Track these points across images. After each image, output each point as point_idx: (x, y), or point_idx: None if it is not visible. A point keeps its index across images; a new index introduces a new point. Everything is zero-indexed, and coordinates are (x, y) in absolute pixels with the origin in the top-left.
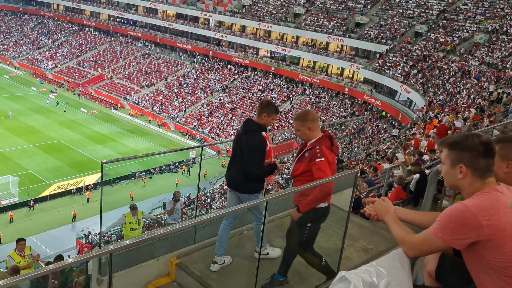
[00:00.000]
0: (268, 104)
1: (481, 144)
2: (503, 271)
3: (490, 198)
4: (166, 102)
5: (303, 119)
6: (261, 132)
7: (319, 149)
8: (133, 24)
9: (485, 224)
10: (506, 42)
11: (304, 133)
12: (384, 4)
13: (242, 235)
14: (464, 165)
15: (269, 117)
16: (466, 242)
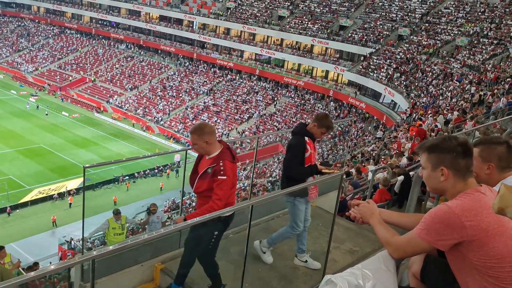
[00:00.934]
0: (322, 117)
1: (459, 145)
2: (486, 271)
3: (473, 199)
4: (150, 105)
5: (199, 133)
6: (304, 136)
7: (223, 166)
8: (116, 27)
9: (468, 225)
10: (487, 45)
11: (201, 147)
12: (368, 7)
13: (227, 239)
14: (445, 167)
15: (318, 129)
16: (450, 243)
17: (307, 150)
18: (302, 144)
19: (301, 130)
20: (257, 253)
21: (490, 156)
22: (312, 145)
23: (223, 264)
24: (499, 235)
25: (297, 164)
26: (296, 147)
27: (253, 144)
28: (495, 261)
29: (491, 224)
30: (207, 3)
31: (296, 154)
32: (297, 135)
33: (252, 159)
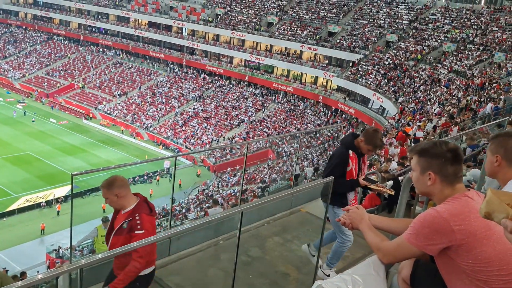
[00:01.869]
0: (370, 133)
1: (448, 151)
2: (475, 275)
3: (461, 203)
4: (139, 111)
5: (108, 187)
6: (347, 149)
7: (139, 219)
8: (104, 33)
9: (456, 229)
10: (473, 51)
11: (112, 201)
12: (356, 14)
13: (217, 246)
14: (433, 172)
15: (364, 145)
16: (439, 247)
17: (349, 164)
18: (344, 157)
19: (348, 142)
20: (247, 260)
21: (497, 148)
22: (356, 160)
23: (214, 271)
24: (487, 238)
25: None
26: (336, 159)
27: (243, 150)
28: (483, 264)
29: (479, 228)
30: (196, 10)
31: (336, 166)
32: (343, 146)
33: (242, 165)
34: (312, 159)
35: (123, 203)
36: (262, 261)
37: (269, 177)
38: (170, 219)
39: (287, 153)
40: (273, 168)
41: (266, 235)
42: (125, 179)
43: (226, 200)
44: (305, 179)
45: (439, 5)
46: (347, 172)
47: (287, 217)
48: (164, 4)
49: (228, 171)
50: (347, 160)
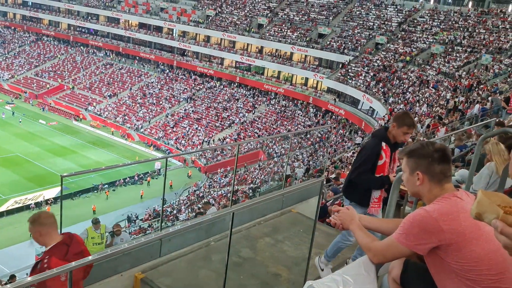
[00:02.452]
0: (401, 115)
1: (435, 151)
2: (464, 274)
3: (450, 203)
4: (129, 112)
5: (32, 223)
6: (380, 141)
7: (47, 263)
8: (94, 34)
9: (446, 229)
10: (460, 52)
11: (36, 238)
12: (346, 16)
13: (209, 247)
14: (421, 172)
15: (398, 129)
16: (429, 246)
17: (381, 157)
18: (376, 149)
19: (380, 134)
20: (238, 260)
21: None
22: (389, 153)
23: (205, 272)
24: (476, 238)
25: (365, 170)
26: (367, 151)
27: (234, 151)
28: (472, 264)
29: (468, 228)
30: (186, 11)
31: (366, 159)
32: (375, 138)
33: (233, 166)
34: (303, 160)
35: (45, 241)
36: (253, 262)
37: (260, 178)
38: (161, 220)
39: (278, 154)
40: (264, 169)
41: (257, 236)
42: (51, 217)
43: (217, 201)
44: (296, 180)
45: (427, 7)
46: (378, 167)
47: (278, 217)
48: (155, 5)
49: (219, 172)
50: (380, 153)
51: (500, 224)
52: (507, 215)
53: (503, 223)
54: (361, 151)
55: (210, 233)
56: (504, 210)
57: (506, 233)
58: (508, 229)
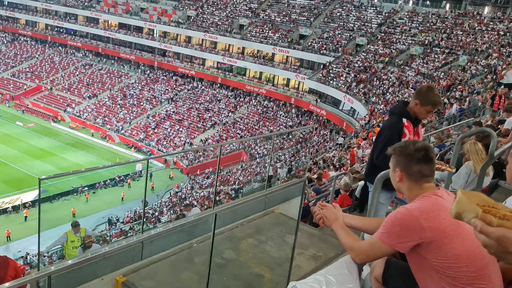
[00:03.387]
0: (426, 91)
1: (416, 150)
2: (444, 272)
3: (431, 201)
4: (109, 114)
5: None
6: (401, 117)
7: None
8: (73, 34)
9: (426, 227)
10: (439, 54)
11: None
12: (326, 17)
13: (191, 249)
14: (399, 170)
15: (421, 107)
16: (410, 244)
17: (405, 134)
18: (397, 127)
19: (399, 110)
20: (221, 262)
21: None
22: (412, 128)
23: (187, 274)
24: (456, 236)
25: (382, 151)
26: (389, 130)
27: (216, 152)
28: (452, 261)
29: (448, 226)
30: (167, 11)
31: (388, 139)
32: (394, 116)
33: (216, 167)
34: (285, 160)
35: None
36: (236, 263)
37: (242, 179)
38: (142, 222)
39: (260, 155)
40: (246, 170)
41: (240, 237)
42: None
43: (200, 203)
44: (278, 180)
45: (406, 9)
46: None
47: (261, 218)
48: (135, 6)
49: (202, 173)
50: (402, 130)
51: (480, 223)
52: (486, 214)
53: (482, 222)
54: (381, 132)
55: (192, 235)
56: (483, 209)
57: (486, 232)
58: (487, 228)
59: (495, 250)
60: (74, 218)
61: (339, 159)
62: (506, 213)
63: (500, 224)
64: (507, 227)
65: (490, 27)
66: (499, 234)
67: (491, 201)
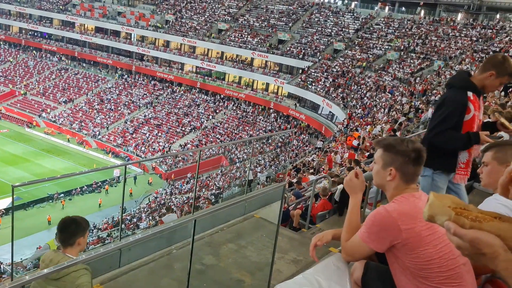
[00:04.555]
0: (503, 60)
1: (413, 150)
2: (417, 272)
3: (409, 203)
4: (86, 119)
5: None
6: (465, 90)
7: None
8: (48, 38)
9: (403, 228)
10: (414, 59)
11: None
12: (305, 22)
13: (170, 255)
14: (395, 169)
15: (496, 79)
16: (387, 245)
17: (469, 110)
18: (462, 101)
19: (464, 82)
20: (201, 268)
21: (506, 157)
22: (478, 103)
23: (166, 281)
24: (429, 237)
25: (449, 128)
26: (452, 104)
27: (195, 157)
28: (425, 262)
29: (423, 228)
30: (145, 15)
31: (450, 114)
32: (455, 89)
33: (195, 172)
34: (265, 165)
35: None
36: (216, 269)
37: (222, 183)
38: (120, 229)
39: (240, 159)
40: (226, 174)
41: (220, 242)
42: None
43: (179, 208)
44: (258, 185)
45: (382, 15)
46: (465, 122)
47: (241, 223)
48: (112, 9)
49: (181, 178)
50: (467, 104)
51: (453, 226)
52: (458, 216)
53: (455, 224)
54: (440, 106)
55: (171, 241)
56: (455, 212)
57: (459, 234)
58: (460, 230)
59: (468, 251)
60: (49, 225)
61: (318, 164)
62: (478, 214)
63: (473, 226)
64: (479, 228)
65: (463, 33)
66: (472, 236)
67: (462, 203)
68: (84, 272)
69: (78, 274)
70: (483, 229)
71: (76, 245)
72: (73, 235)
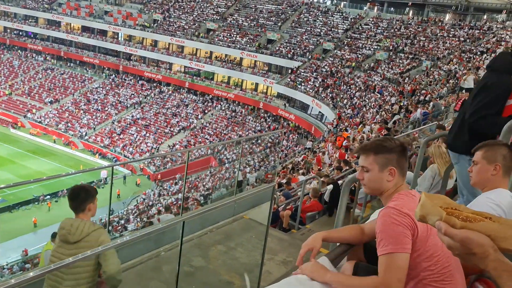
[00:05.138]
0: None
1: (400, 145)
2: (409, 272)
3: (409, 200)
4: (72, 119)
5: None
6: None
7: None
8: (34, 37)
9: (417, 223)
10: (403, 59)
11: None
12: (294, 22)
13: (159, 257)
14: (393, 167)
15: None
16: (411, 243)
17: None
18: (506, 86)
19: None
20: (190, 270)
21: (495, 156)
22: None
23: (155, 284)
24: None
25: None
26: (497, 88)
27: (184, 158)
28: (424, 259)
29: (420, 226)
30: (132, 15)
31: (495, 98)
32: (499, 72)
33: (184, 173)
34: (254, 165)
35: None
36: (205, 271)
37: (211, 185)
38: (107, 231)
39: (229, 160)
40: (215, 175)
41: (209, 244)
42: None
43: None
44: (248, 185)
45: (371, 15)
46: (506, 107)
47: (230, 224)
48: (99, 8)
49: (170, 179)
50: (511, 90)
51: (444, 225)
52: (449, 216)
53: (446, 224)
54: (483, 89)
55: (160, 243)
56: (446, 212)
57: (450, 234)
58: (452, 230)
59: (459, 251)
60: (35, 228)
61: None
62: (469, 214)
63: (464, 226)
64: (470, 228)
65: (451, 33)
66: (463, 236)
67: (453, 203)
68: (103, 231)
69: (99, 233)
70: (473, 229)
71: (87, 210)
72: (83, 201)
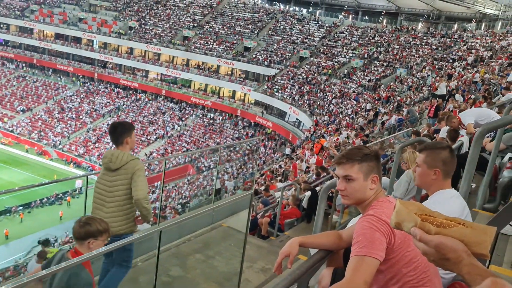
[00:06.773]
0: None
1: (376, 152)
2: (390, 277)
3: (388, 207)
4: (46, 128)
5: None
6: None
7: None
8: (5, 44)
9: (394, 231)
10: (378, 66)
11: None
12: (270, 30)
13: (135, 267)
14: (376, 174)
15: None
16: (384, 251)
17: None
18: None
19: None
20: (167, 280)
21: (435, 161)
22: None
23: None
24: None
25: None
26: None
27: (161, 166)
28: (403, 265)
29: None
30: (107, 22)
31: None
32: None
33: (161, 182)
34: (233, 173)
35: None
36: (183, 280)
37: (189, 193)
38: None
39: (207, 168)
40: (193, 183)
41: (187, 253)
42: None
43: None
44: (226, 193)
45: (346, 23)
46: None
47: (209, 232)
48: (72, 15)
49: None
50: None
51: (419, 232)
52: (424, 222)
53: (421, 230)
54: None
55: (136, 253)
56: (421, 218)
57: (425, 240)
58: (426, 236)
59: (434, 257)
60: (7, 240)
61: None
62: (443, 220)
63: (438, 232)
64: (444, 234)
65: (424, 41)
66: (438, 242)
67: (427, 210)
68: (139, 161)
69: (135, 163)
70: (447, 234)
71: (125, 144)
72: (120, 135)
